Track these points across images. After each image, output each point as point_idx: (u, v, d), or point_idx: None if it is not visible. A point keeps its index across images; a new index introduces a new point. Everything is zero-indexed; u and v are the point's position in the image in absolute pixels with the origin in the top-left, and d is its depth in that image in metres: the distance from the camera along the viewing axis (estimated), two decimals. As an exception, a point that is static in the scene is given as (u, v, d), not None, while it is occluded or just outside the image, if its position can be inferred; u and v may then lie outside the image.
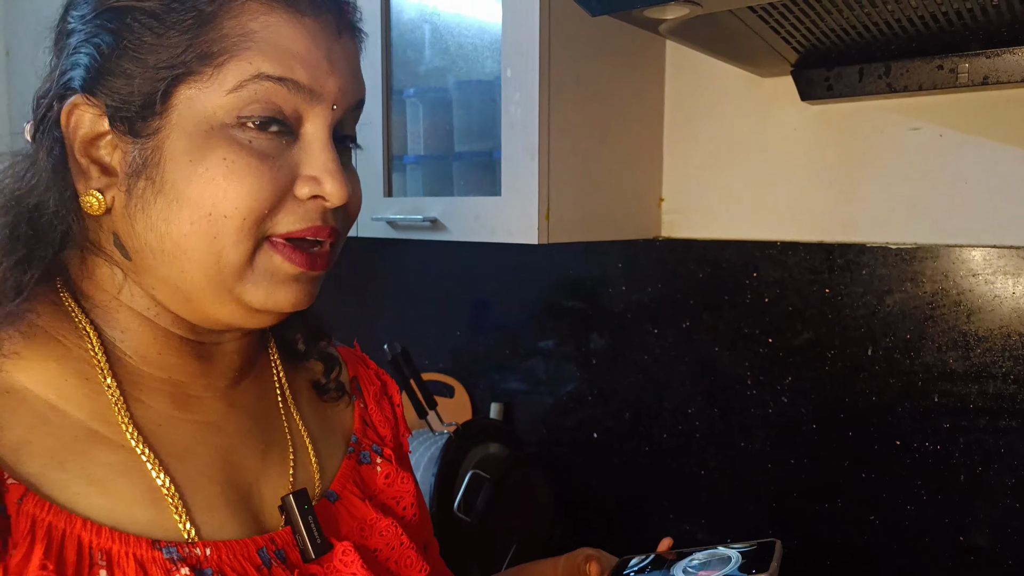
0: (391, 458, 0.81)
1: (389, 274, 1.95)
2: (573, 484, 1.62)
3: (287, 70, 0.59)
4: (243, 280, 0.61)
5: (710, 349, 1.42)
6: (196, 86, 0.58)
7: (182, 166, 0.59)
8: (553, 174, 1.21)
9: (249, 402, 0.71)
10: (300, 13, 0.61)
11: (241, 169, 0.59)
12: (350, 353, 0.89)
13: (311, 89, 0.61)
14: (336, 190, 0.62)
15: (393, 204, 1.43)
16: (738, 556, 0.76)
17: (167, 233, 0.59)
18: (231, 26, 0.59)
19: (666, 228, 1.47)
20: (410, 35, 1.47)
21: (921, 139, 1.21)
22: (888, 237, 1.24)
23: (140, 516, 0.58)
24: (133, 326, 0.63)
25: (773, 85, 1.33)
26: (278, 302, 0.63)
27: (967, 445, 1.18)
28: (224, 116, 0.59)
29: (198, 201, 0.58)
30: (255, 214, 0.59)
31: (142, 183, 0.60)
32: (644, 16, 0.89)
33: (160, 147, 0.59)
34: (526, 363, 1.70)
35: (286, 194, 0.61)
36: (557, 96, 1.20)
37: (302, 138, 0.62)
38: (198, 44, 0.58)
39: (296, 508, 0.66)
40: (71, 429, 0.58)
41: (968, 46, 1.07)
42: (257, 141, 0.60)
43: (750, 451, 1.39)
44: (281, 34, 0.60)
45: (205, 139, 0.59)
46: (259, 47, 0.59)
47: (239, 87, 0.58)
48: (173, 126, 0.59)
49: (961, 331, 1.18)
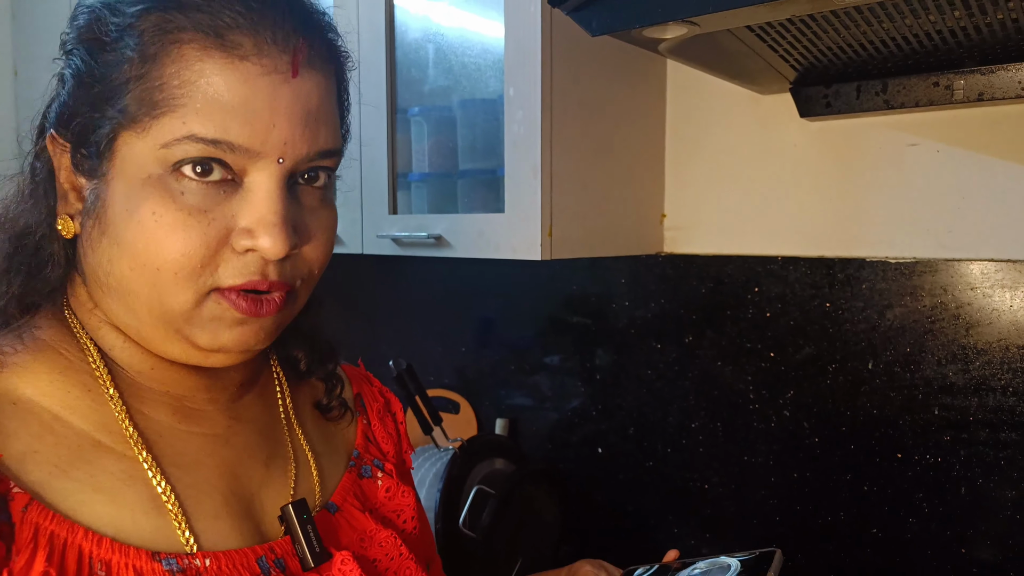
0: (392, 472, 0.81)
1: (394, 291, 1.96)
2: (578, 499, 1.63)
3: (220, 131, 0.57)
4: (190, 322, 0.60)
5: (713, 364, 1.43)
6: (135, 134, 0.58)
7: (120, 213, 0.59)
8: (556, 191, 1.23)
9: (254, 416, 0.72)
10: (239, 57, 0.57)
11: (168, 224, 0.57)
12: (354, 371, 0.90)
13: (247, 148, 0.58)
14: (272, 244, 0.58)
15: (398, 221, 1.44)
16: (738, 564, 0.77)
17: (111, 272, 0.60)
18: (170, 73, 0.57)
19: (668, 244, 1.49)
20: (414, 55, 1.49)
21: (919, 155, 1.22)
22: (888, 252, 1.25)
23: (144, 524, 0.59)
24: (119, 343, 0.65)
25: (772, 102, 1.35)
26: (224, 343, 0.61)
27: (968, 458, 1.19)
28: (158, 167, 0.58)
29: (133, 250, 0.58)
30: (186, 269, 0.58)
31: (91, 222, 0.61)
32: (644, 36, 0.91)
33: (106, 191, 0.60)
34: (531, 379, 1.71)
35: (221, 246, 0.59)
36: (559, 114, 1.22)
37: (245, 186, 0.60)
38: (139, 87, 0.57)
39: (295, 517, 0.66)
40: (75, 439, 0.59)
41: (964, 63, 1.08)
42: (191, 193, 0.58)
43: (753, 465, 1.40)
44: (216, 85, 0.57)
45: (140, 188, 0.58)
46: (192, 103, 0.56)
47: (170, 144, 0.57)
48: (116, 172, 0.59)
49: (960, 344, 1.19)
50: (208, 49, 0.57)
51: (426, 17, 1.48)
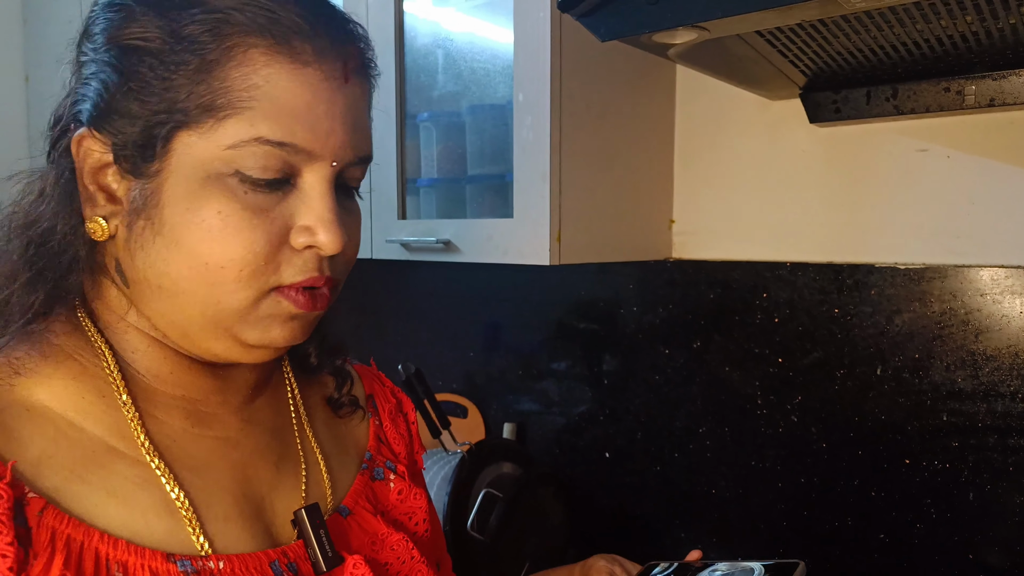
0: (404, 475, 0.82)
1: (403, 295, 1.96)
2: (585, 503, 1.63)
3: (287, 134, 0.59)
4: (244, 321, 0.62)
5: (720, 369, 1.43)
6: (196, 134, 0.59)
7: (179, 213, 0.59)
8: (564, 196, 1.23)
9: (265, 418, 0.72)
10: (303, 63, 0.60)
11: (236, 223, 0.59)
12: (366, 371, 0.90)
13: (309, 151, 0.61)
14: (330, 240, 0.62)
15: (407, 226, 1.45)
16: (761, 569, 0.77)
17: (165, 273, 0.60)
18: (235, 77, 0.58)
19: (677, 249, 1.49)
20: (424, 60, 1.49)
21: (929, 160, 1.22)
22: (896, 257, 1.25)
23: (157, 527, 0.59)
24: (143, 347, 0.65)
25: (782, 108, 1.35)
26: (274, 339, 0.64)
27: (976, 464, 1.18)
28: (221, 167, 0.59)
29: (195, 249, 0.59)
30: (251, 266, 0.60)
31: (142, 222, 0.61)
32: (653, 41, 0.91)
33: (159, 190, 0.60)
34: (539, 384, 1.71)
35: (282, 244, 0.61)
36: (568, 120, 1.22)
37: (299, 187, 0.62)
38: (201, 92, 0.58)
39: (308, 522, 0.67)
40: (89, 444, 0.60)
41: (974, 68, 1.08)
42: (253, 194, 0.60)
43: (760, 470, 1.40)
44: (283, 89, 0.59)
45: (201, 187, 0.59)
46: (261, 107, 0.58)
47: (237, 146, 0.58)
48: (172, 170, 0.59)
49: (969, 350, 1.19)
50: (274, 54, 0.59)
51: (435, 23, 1.48)
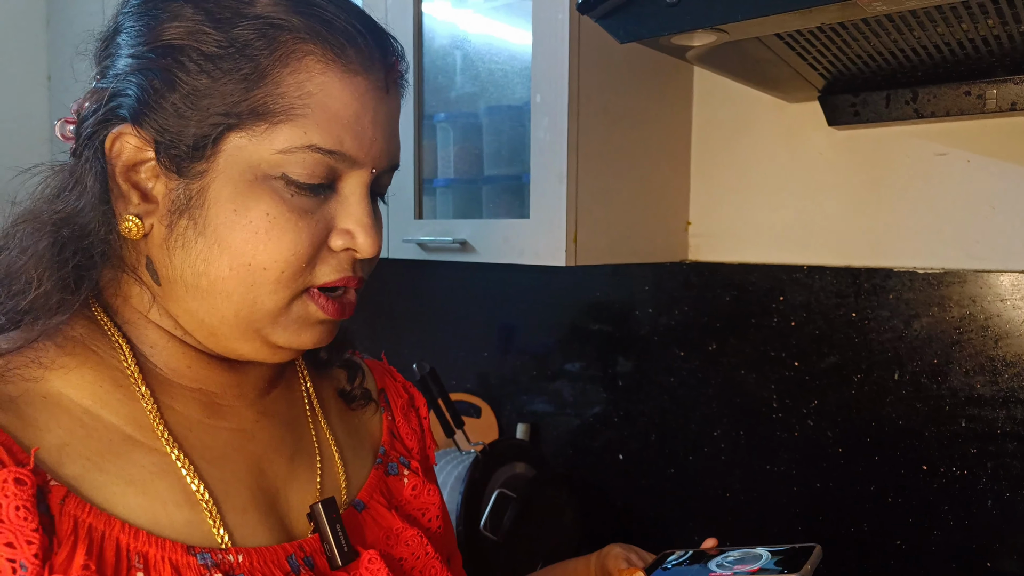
0: (418, 470, 0.82)
1: (419, 295, 1.97)
2: (598, 505, 1.62)
3: (336, 143, 0.61)
4: (276, 323, 0.64)
5: (736, 372, 1.43)
6: (247, 136, 0.60)
7: (226, 213, 0.60)
8: (581, 198, 1.23)
9: (280, 411, 0.73)
10: (354, 72, 0.62)
11: (282, 225, 0.61)
12: (377, 366, 0.90)
13: (354, 159, 0.63)
14: (369, 243, 0.65)
15: (424, 226, 1.45)
16: (768, 555, 0.77)
17: (204, 273, 0.61)
18: (289, 83, 0.60)
19: (693, 252, 1.49)
20: (441, 61, 1.49)
21: (948, 164, 1.21)
22: (915, 262, 1.24)
23: (177, 517, 0.60)
24: (162, 343, 0.65)
25: (800, 110, 1.34)
26: (303, 342, 0.66)
27: (994, 470, 1.17)
28: (269, 169, 0.60)
29: (240, 250, 0.60)
30: (293, 268, 0.62)
31: (184, 221, 0.61)
32: (672, 43, 0.91)
33: (205, 190, 0.60)
34: (553, 385, 1.71)
35: (322, 246, 0.64)
36: (585, 121, 1.22)
37: (339, 192, 0.64)
38: (254, 97, 0.59)
39: (324, 516, 0.67)
40: (107, 433, 0.60)
41: (995, 72, 1.07)
42: (298, 197, 0.61)
43: (775, 474, 1.39)
44: (335, 98, 0.61)
45: (249, 188, 0.60)
46: (314, 115, 0.60)
47: (289, 151, 0.60)
48: (219, 171, 0.60)
49: (989, 356, 1.18)
50: (329, 62, 0.61)
51: (453, 24, 1.49)
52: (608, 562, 0.92)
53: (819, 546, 0.78)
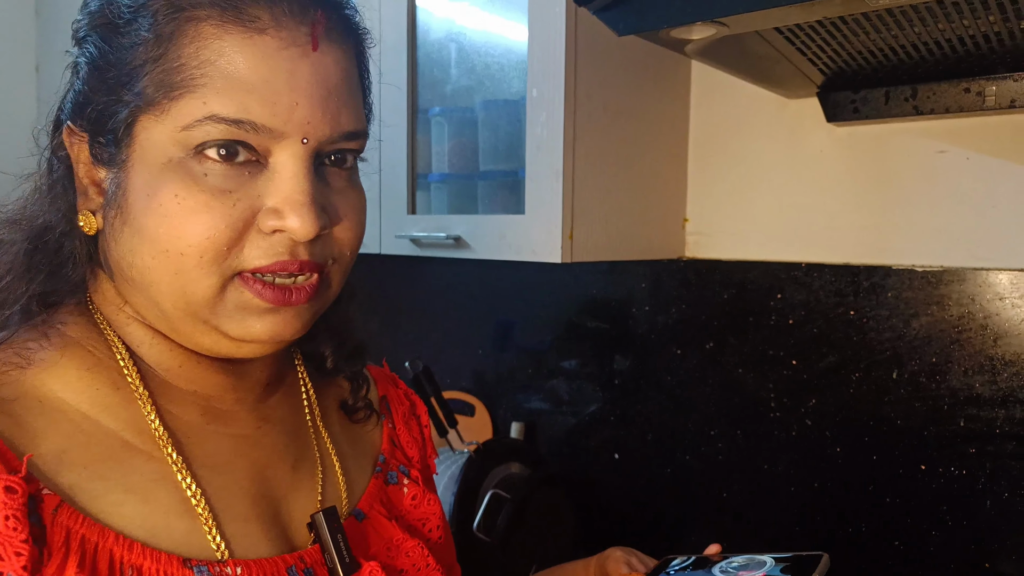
0: (418, 479, 0.80)
1: (412, 292, 1.95)
2: (594, 505, 1.61)
3: (241, 110, 0.56)
4: (216, 312, 0.59)
5: (734, 371, 1.42)
6: (154, 117, 0.57)
7: (141, 199, 0.58)
8: (577, 194, 1.22)
9: (281, 417, 0.71)
10: (258, 31, 0.56)
11: (192, 207, 0.56)
12: (380, 372, 0.88)
13: (270, 128, 0.57)
14: (301, 223, 0.57)
15: (417, 222, 1.44)
16: (772, 562, 0.76)
17: (133, 264, 0.59)
18: (188, 53, 0.56)
19: (690, 249, 1.47)
20: (436, 54, 1.48)
21: (948, 162, 1.20)
22: (914, 260, 1.23)
23: (175, 527, 0.58)
24: (147, 339, 0.63)
25: (799, 107, 1.33)
26: (255, 333, 0.60)
27: (993, 471, 1.17)
28: (178, 151, 0.57)
29: (155, 236, 0.57)
30: (211, 252, 0.57)
31: (113, 212, 0.60)
32: (671, 36, 0.90)
33: (126, 178, 0.58)
34: (548, 383, 1.69)
35: (247, 227, 0.58)
36: (582, 116, 1.21)
37: (270, 167, 0.59)
38: (157, 70, 0.56)
39: (326, 526, 0.65)
40: (104, 438, 0.58)
41: (995, 69, 1.06)
42: (214, 175, 0.57)
43: (773, 474, 1.38)
44: (236, 63, 0.56)
45: (160, 172, 0.57)
46: (212, 83, 0.55)
47: (191, 126, 0.56)
48: (136, 158, 0.58)
49: (988, 355, 1.17)
50: (225, 24, 0.56)
51: (449, 18, 1.47)
52: (608, 566, 0.91)
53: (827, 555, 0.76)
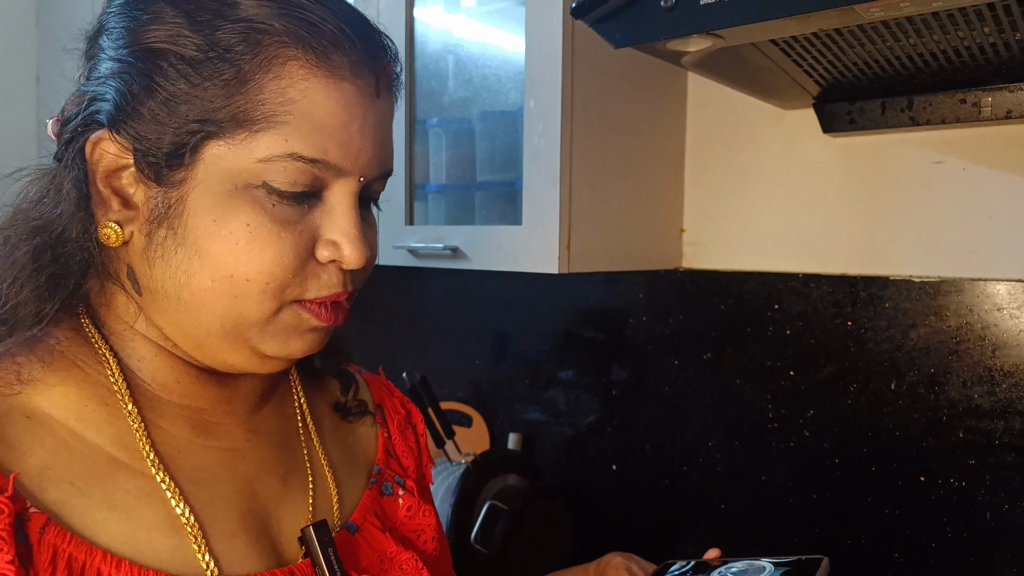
0: (413, 490, 0.80)
1: (410, 302, 1.95)
2: (592, 516, 1.61)
3: (320, 151, 0.58)
4: (263, 332, 0.61)
5: (732, 382, 1.41)
6: (227, 145, 0.57)
7: (205, 223, 0.58)
8: (574, 204, 1.22)
9: (272, 428, 0.70)
10: (340, 78, 0.59)
11: (264, 236, 0.58)
12: (375, 380, 0.88)
13: (340, 168, 0.60)
14: (356, 255, 0.62)
15: (415, 232, 1.44)
16: (772, 567, 0.75)
17: (186, 285, 0.59)
18: (271, 89, 0.57)
19: (687, 259, 1.47)
20: (434, 66, 1.48)
21: (944, 172, 1.20)
22: (912, 270, 1.23)
23: (161, 544, 0.57)
24: (149, 355, 0.63)
25: (796, 118, 1.33)
26: (293, 351, 0.63)
27: (993, 482, 1.16)
28: (250, 179, 0.58)
29: (221, 262, 0.58)
30: (278, 280, 0.59)
31: (163, 231, 0.59)
32: (667, 48, 0.90)
33: (184, 199, 0.58)
34: (546, 393, 1.69)
35: (307, 258, 0.61)
36: (579, 127, 1.21)
37: (325, 201, 0.62)
38: (235, 103, 0.57)
39: (316, 540, 0.64)
40: (91, 454, 0.58)
41: (991, 80, 1.06)
42: (280, 207, 0.59)
43: (772, 485, 1.37)
44: (318, 105, 0.58)
45: (229, 198, 0.58)
46: (296, 122, 0.57)
47: (269, 160, 0.57)
48: (199, 180, 0.58)
49: (986, 366, 1.16)
50: (313, 67, 0.58)
51: (446, 29, 1.47)
52: (608, 571, 0.90)
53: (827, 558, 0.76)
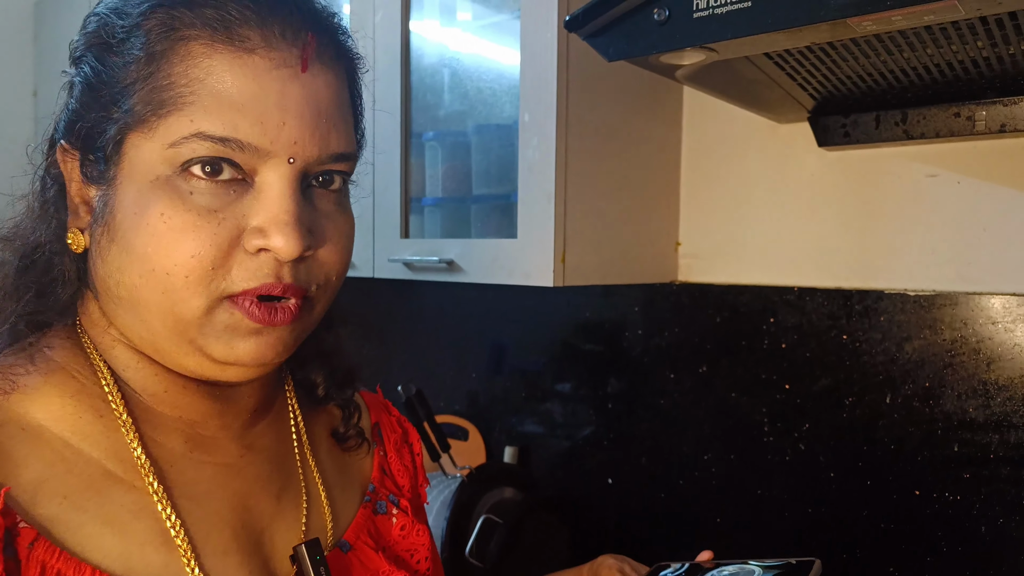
0: (407, 509, 0.79)
1: (405, 315, 1.95)
2: (588, 530, 1.60)
3: (229, 128, 0.55)
4: (203, 332, 0.58)
5: (727, 395, 1.41)
6: (142, 135, 0.57)
7: (129, 217, 0.57)
8: (569, 217, 1.22)
9: (266, 445, 0.70)
10: (247, 51, 0.56)
11: (178, 226, 0.56)
12: (373, 399, 0.87)
13: (257, 147, 0.56)
14: (285, 243, 0.57)
15: (410, 246, 1.44)
16: (760, 571, 0.75)
17: (122, 282, 0.59)
18: (178, 72, 0.56)
19: (683, 272, 1.47)
20: (430, 79, 1.49)
21: (939, 186, 1.20)
22: (906, 284, 1.23)
23: (153, 560, 0.57)
24: (133, 363, 0.63)
25: (790, 131, 1.34)
26: (240, 356, 0.59)
27: (988, 496, 1.16)
28: (165, 168, 0.56)
29: (142, 255, 0.56)
30: (197, 271, 0.56)
31: (100, 230, 0.59)
32: (661, 62, 0.90)
33: (114, 196, 0.58)
34: (542, 406, 1.69)
35: (233, 247, 0.57)
36: (574, 140, 1.21)
37: (256, 186, 0.58)
38: (147, 88, 0.56)
39: (308, 559, 0.64)
40: (86, 467, 0.58)
41: (985, 94, 1.07)
42: (200, 193, 0.56)
43: (767, 498, 1.37)
44: (224, 82, 0.56)
45: (149, 190, 0.57)
46: (201, 101, 0.55)
47: (178, 143, 0.55)
48: (124, 176, 0.58)
49: (981, 379, 1.16)
50: (215, 44, 0.56)
51: (442, 43, 1.48)
52: (601, 572, 0.90)
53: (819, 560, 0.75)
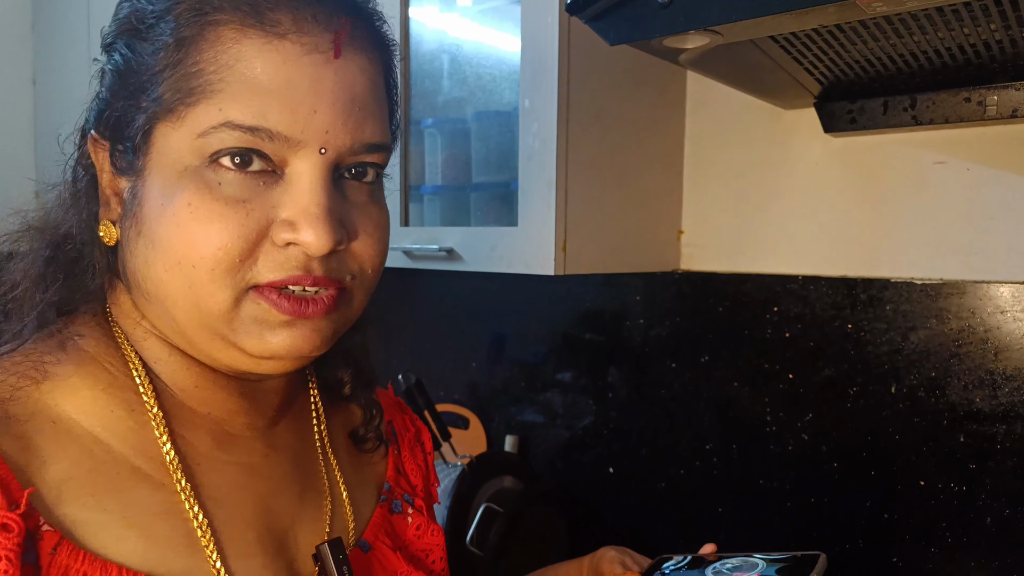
0: (422, 509, 0.79)
1: (405, 304, 1.94)
2: (588, 520, 1.59)
3: (258, 116, 0.53)
4: (233, 327, 0.57)
5: (729, 385, 1.40)
6: (171, 125, 0.55)
7: (155, 208, 0.56)
8: (570, 205, 1.20)
9: (289, 443, 0.69)
10: (279, 36, 0.54)
11: (204, 216, 0.54)
12: (386, 397, 0.86)
13: (287, 136, 0.54)
14: (315, 236, 0.55)
15: (410, 234, 1.42)
16: (764, 564, 0.74)
17: (148, 276, 0.57)
18: (207, 58, 0.54)
19: (685, 261, 1.46)
20: (429, 66, 1.47)
21: (947, 173, 1.19)
22: (913, 272, 1.22)
23: (176, 563, 0.56)
24: (164, 355, 0.61)
25: (795, 117, 1.32)
26: (273, 349, 0.57)
27: (994, 487, 1.15)
28: (194, 157, 0.55)
29: (168, 247, 0.55)
30: (223, 264, 0.54)
31: (129, 222, 0.58)
32: (664, 46, 0.88)
33: (143, 187, 0.57)
34: (542, 396, 1.68)
35: (261, 239, 0.55)
36: (575, 127, 1.20)
37: (286, 178, 0.56)
38: (175, 75, 0.55)
39: (332, 558, 0.63)
40: (113, 464, 0.56)
41: (996, 78, 1.05)
42: (228, 184, 0.55)
43: (769, 490, 1.36)
44: (255, 68, 0.54)
45: (176, 181, 0.55)
46: (230, 89, 0.54)
47: (207, 133, 0.54)
48: (153, 165, 0.57)
49: (988, 369, 1.15)
50: (245, 29, 0.54)
51: (441, 29, 1.46)
52: (602, 565, 0.88)
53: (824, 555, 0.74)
